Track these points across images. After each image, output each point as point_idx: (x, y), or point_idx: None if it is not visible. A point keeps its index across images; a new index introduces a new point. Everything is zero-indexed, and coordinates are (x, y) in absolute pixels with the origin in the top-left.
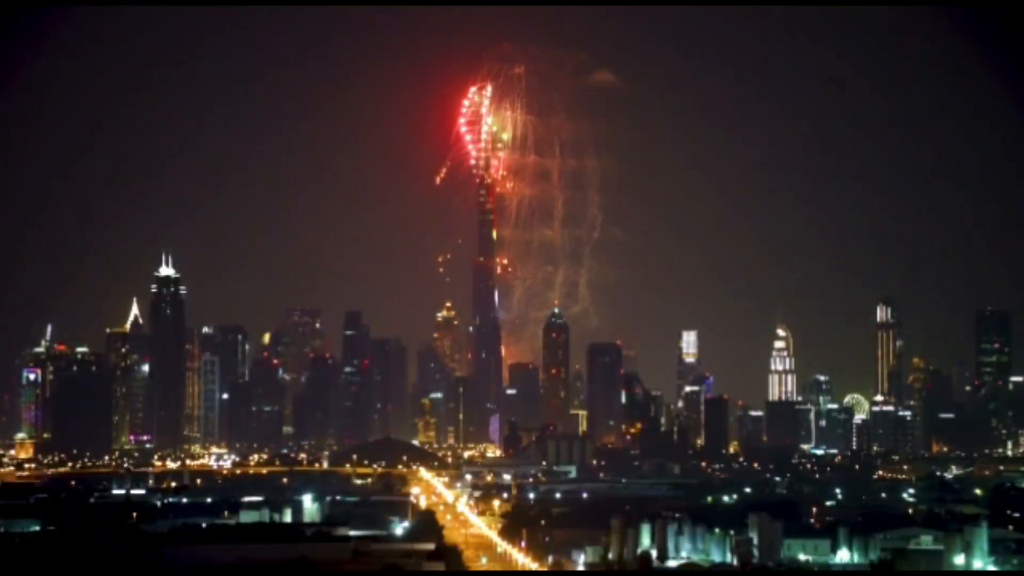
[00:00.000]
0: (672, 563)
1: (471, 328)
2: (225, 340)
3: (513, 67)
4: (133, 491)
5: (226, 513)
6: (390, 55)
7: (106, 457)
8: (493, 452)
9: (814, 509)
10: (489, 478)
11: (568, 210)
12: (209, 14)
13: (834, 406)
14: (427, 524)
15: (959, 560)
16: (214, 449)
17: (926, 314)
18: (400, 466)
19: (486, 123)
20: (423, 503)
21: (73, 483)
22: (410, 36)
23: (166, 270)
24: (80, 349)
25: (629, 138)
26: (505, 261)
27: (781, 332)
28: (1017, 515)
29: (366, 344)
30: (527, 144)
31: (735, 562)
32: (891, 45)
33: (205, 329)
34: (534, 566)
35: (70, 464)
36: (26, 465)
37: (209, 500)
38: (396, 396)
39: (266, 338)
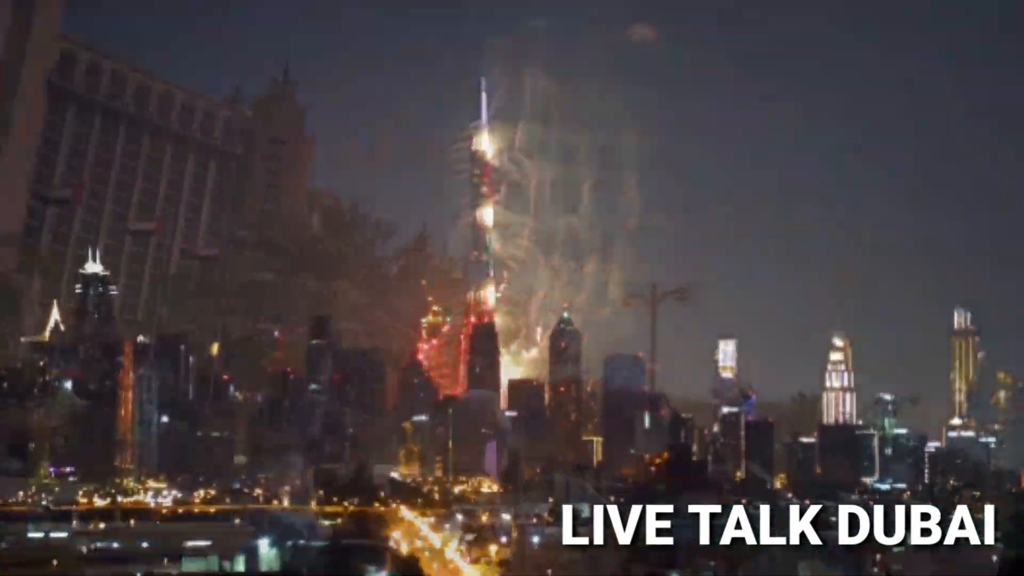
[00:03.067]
0: None
1: (463, 337)
2: (165, 352)
3: (532, 17)
4: (53, 534)
5: (166, 561)
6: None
7: (20, 493)
8: (489, 487)
9: (878, 556)
10: (485, 518)
11: (598, 195)
12: (206, 2)
13: (902, 431)
14: (409, 574)
15: None
16: (151, 483)
17: (1012, 320)
18: (377, 504)
19: (496, 88)
20: (404, 548)
21: None
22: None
23: (93, 267)
24: None
25: (673, 109)
26: (514, 256)
27: (838, 342)
28: None
29: (336, 356)
30: (548, 114)
31: None
32: (942, 37)
33: (140, 338)
34: None
35: None
36: None
37: (145, 545)
38: (372, 419)
39: (214, 349)
